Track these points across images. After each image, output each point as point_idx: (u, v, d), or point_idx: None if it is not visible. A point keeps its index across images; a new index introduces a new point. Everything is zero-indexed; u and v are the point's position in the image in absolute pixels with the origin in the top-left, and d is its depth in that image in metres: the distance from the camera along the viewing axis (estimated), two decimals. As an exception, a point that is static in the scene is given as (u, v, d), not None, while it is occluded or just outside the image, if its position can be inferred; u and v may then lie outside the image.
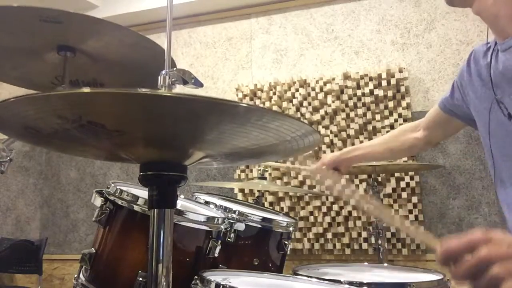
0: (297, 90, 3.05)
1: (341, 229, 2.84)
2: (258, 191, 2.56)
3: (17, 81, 1.48)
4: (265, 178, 2.22)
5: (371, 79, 2.89)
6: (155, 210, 0.78)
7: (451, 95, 1.41)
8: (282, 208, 2.93)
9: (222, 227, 1.35)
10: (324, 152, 2.92)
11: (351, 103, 2.91)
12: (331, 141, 2.92)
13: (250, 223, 1.45)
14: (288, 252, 1.59)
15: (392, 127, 2.82)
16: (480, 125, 1.23)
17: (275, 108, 3.03)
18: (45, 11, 1.13)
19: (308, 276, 1.29)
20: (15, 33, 1.25)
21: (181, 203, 1.42)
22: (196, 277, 1.09)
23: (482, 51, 1.20)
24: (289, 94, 3.06)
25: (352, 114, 2.90)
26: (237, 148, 0.78)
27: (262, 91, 3.13)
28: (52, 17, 1.15)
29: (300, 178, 2.95)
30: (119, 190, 1.27)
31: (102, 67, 1.40)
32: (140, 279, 1.17)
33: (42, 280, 3.21)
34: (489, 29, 1.11)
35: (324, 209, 2.88)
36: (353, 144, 2.87)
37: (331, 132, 2.93)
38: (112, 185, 1.30)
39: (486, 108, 1.15)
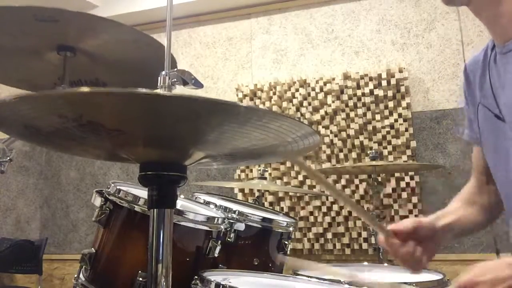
0: (297, 90, 3.05)
1: (341, 229, 2.84)
2: (258, 191, 2.56)
3: (20, 84, 1.48)
4: (265, 178, 2.22)
5: (371, 79, 2.89)
6: (155, 210, 0.78)
7: (469, 125, 1.23)
8: (282, 208, 2.93)
9: (222, 227, 1.35)
10: (324, 152, 2.92)
11: (351, 103, 2.91)
12: (331, 141, 2.92)
13: (250, 223, 1.45)
14: (288, 252, 1.59)
15: (392, 127, 2.82)
16: (485, 141, 1.14)
17: (275, 108, 3.03)
18: (39, 10, 1.12)
19: (308, 276, 1.29)
20: (13, 34, 1.25)
21: (181, 203, 1.42)
22: (196, 277, 1.09)
23: (478, 60, 1.13)
24: (289, 94, 3.06)
25: (352, 114, 2.90)
26: (237, 149, 0.78)
27: (262, 91, 3.13)
28: (47, 16, 1.14)
29: (300, 178, 2.95)
30: (119, 190, 1.27)
31: (103, 66, 1.40)
32: (140, 279, 1.17)
33: (42, 280, 3.21)
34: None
35: (324, 209, 2.88)
36: (353, 144, 2.87)
37: (331, 132, 2.93)
38: (112, 185, 1.30)
39: (485, 118, 1.09)
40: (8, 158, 1.40)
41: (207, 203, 1.53)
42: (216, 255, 1.30)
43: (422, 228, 1.04)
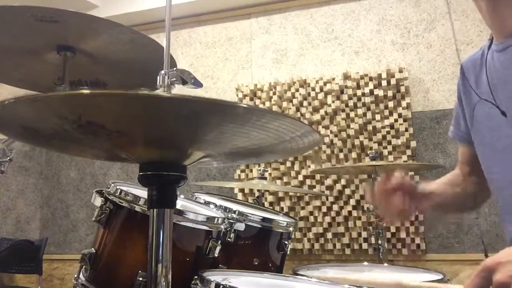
0: (297, 90, 3.05)
1: (341, 229, 2.84)
2: (258, 191, 2.56)
3: (20, 83, 1.48)
4: (265, 178, 2.22)
5: (371, 79, 2.89)
6: (155, 210, 0.78)
7: (456, 123, 1.28)
8: (282, 208, 2.93)
9: (222, 227, 1.35)
10: (324, 152, 2.93)
11: (351, 103, 2.91)
12: (331, 141, 2.92)
13: (250, 223, 1.45)
14: (288, 252, 1.59)
15: (392, 127, 2.82)
16: (478, 138, 1.16)
17: (275, 108, 3.03)
18: (39, 10, 1.12)
19: (308, 276, 1.29)
20: (13, 34, 1.25)
21: (181, 203, 1.42)
22: (196, 277, 1.09)
23: (475, 59, 1.15)
24: (289, 94, 3.06)
25: (352, 114, 2.90)
26: (237, 148, 0.78)
27: (262, 91, 3.13)
28: (47, 16, 1.14)
29: (300, 178, 2.95)
30: (119, 190, 1.27)
31: (103, 66, 1.40)
32: (140, 279, 1.17)
33: (42, 280, 3.21)
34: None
35: (324, 209, 2.88)
36: (353, 144, 2.87)
37: (331, 132, 2.93)
38: (112, 185, 1.30)
39: (484, 116, 1.10)
40: (8, 158, 1.40)
41: (207, 203, 1.53)
42: (216, 255, 1.30)
43: (406, 183, 1.17)
